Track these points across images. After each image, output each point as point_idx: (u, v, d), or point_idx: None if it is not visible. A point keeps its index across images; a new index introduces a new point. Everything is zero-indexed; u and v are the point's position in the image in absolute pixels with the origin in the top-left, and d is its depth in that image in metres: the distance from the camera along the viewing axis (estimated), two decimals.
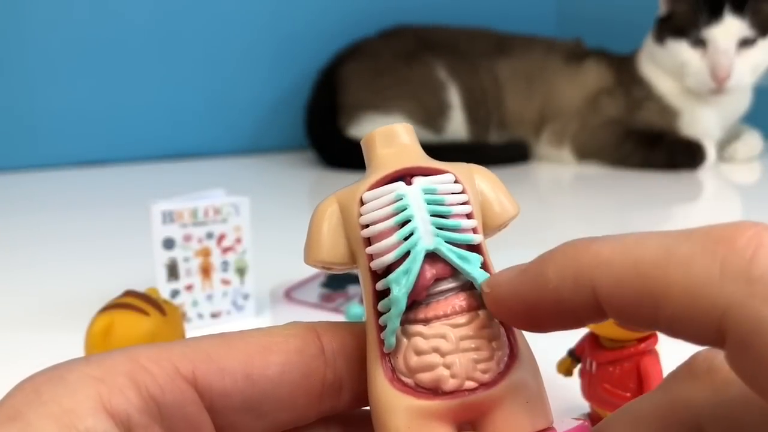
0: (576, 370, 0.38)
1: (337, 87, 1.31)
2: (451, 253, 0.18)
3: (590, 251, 0.15)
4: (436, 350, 0.17)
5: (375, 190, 0.18)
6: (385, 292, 0.18)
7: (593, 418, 0.37)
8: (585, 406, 0.38)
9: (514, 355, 0.18)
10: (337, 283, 0.62)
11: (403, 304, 0.17)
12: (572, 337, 0.37)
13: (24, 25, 1.26)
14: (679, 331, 0.14)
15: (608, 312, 0.15)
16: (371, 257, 0.18)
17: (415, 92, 1.29)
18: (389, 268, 0.18)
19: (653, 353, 0.35)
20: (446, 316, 0.18)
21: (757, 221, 0.13)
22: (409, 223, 0.18)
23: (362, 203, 0.18)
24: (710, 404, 0.16)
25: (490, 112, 1.32)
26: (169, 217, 0.53)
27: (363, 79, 1.30)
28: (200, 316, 0.55)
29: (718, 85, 1.15)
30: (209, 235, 0.54)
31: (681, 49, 1.17)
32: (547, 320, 0.16)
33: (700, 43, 1.15)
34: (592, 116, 1.27)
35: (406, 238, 0.18)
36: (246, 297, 0.57)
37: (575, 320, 0.16)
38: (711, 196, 1.12)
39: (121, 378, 0.16)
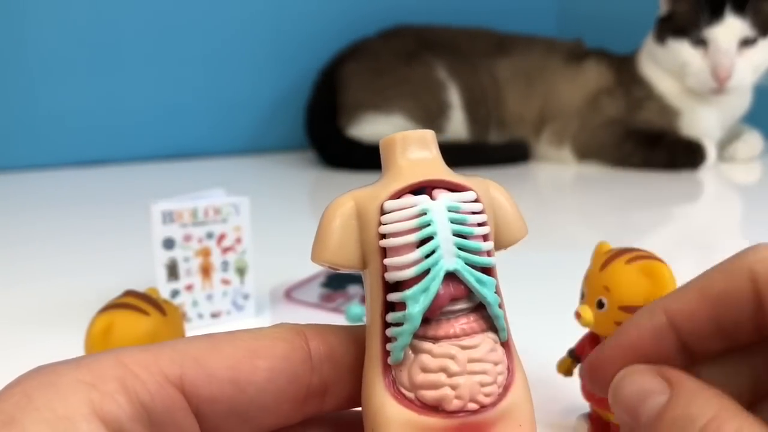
0: (576, 370, 0.38)
1: (337, 87, 1.30)
2: (469, 275, 0.18)
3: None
4: (443, 370, 0.17)
5: (399, 200, 0.18)
6: (393, 304, 0.18)
7: (593, 418, 0.37)
8: (585, 406, 0.38)
9: (511, 378, 0.18)
10: (337, 283, 0.62)
11: (418, 321, 0.17)
12: (572, 337, 0.37)
13: (24, 26, 1.26)
14: (725, 303, 0.19)
15: (678, 323, 0.20)
16: (386, 267, 0.18)
17: (415, 92, 1.29)
18: (402, 282, 0.18)
19: None
20: (456, 336, 0.18)
21: None
22: (432, 241, 0.17)
23: (383, 211, 0.18)
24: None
25: (490, 112, 1.32)
26: (169, 217, 0.53)
27: (363, 79, 1.30)
28: (200, 316, 0.55)
29: (719, 85, 1.15)
30: (209, 235, 0.54)
31: (682, 49, 1.17)
32: (639, 357, 0.20)
33: (701, 42, 1.15)
34: (592, 116, 1.27)
35: (427, 255, 0.17)
36: (246, 297, 0.57)
37: (660, 350, 0.20)
38: (711, 196, 1.12)
39: (112, 384, 0.16)
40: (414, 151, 0.19)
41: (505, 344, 0.19)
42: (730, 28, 1.13)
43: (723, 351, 0.19)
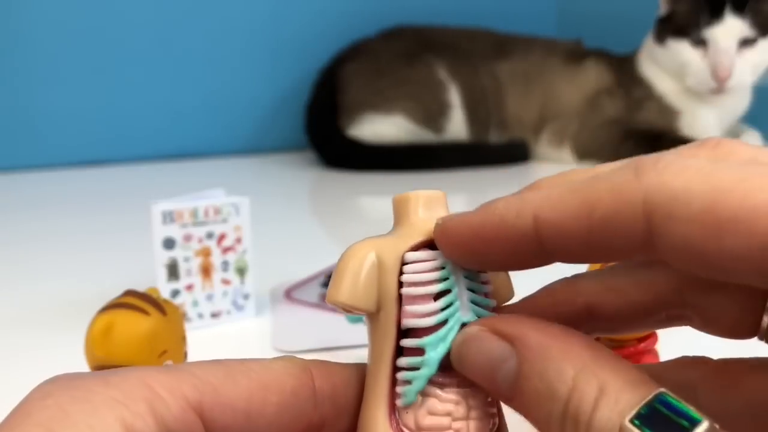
0: None
1: (337, 87, 1.31)
2: None
3: (532, 190, 0.18)
4: (448, 414, 0.19)
5: (420, 252, 0.19)
6: (402, 349, 0.19)
7: None
8: None
9: (500, 423, 0.20)
10: None
11: (435, 367, 0.19)
12: None
13: (24, 25, 1.27)
14: (612, 227, 0.16)
15: (546, 234, 0.17)
16: (402, 314, 0.19)
17: (415, 92, 1.29)
18: (414, 329, 0.19)
19: (653, 353, 0.35)
20: (462, 384, 0.19)
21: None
22: (450, 294, 0.19)
23: (404, 261, 0.19)
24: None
25: (490, 112, 1.32)
26: (169, 217, 0.53)
27: (363, 79, 1.30)
28: (200, 315, 0.55)
29: (719, 85, 1.15)
30: (209, 235, 0.54)
31: (682, 49, 1.17)
32: (490, 248, 0.18)
33: (700, 42, 1.15)
34: (592, 116, 1.27)
35: (444, 307, 0.19)
36: (246, 297, 0.57)
37: (516, 249, 0.18)
38: None
39: (141, 404, 0.16)
40: (427, 208, 0.21)
41: None
42: (730, 28, 1.13)
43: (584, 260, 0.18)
